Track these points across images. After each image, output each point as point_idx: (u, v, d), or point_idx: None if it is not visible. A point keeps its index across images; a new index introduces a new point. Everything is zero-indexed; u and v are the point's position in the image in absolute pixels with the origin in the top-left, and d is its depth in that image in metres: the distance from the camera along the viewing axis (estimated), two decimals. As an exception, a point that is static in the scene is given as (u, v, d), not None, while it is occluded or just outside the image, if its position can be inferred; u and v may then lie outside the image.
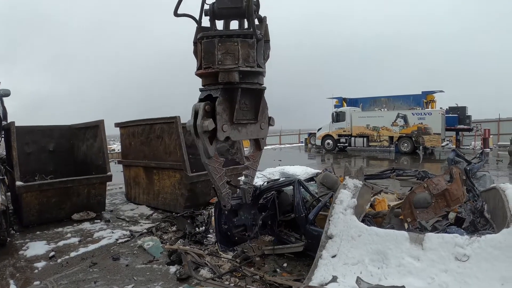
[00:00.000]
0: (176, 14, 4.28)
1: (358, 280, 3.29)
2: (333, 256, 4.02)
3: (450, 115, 24.99)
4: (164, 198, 8.70)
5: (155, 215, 8.41)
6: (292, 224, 5.89)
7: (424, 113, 23.62)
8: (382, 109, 26.94)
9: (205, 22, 4.38)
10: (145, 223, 7.65)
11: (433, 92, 27.14)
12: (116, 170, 10.84)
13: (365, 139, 25.33)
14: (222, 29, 4.38)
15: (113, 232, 6.95)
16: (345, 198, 4.60)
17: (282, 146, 32.83)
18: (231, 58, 3.96)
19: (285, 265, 5.22)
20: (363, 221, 4.63)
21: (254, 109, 4.41)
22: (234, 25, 4.48)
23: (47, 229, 7.17)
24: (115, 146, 31.22)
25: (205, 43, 4.05)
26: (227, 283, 4.62)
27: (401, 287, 3.17)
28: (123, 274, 5.05)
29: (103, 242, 6.41)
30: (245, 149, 9.11)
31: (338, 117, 26.65)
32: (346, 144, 26.41)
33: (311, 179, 8.10)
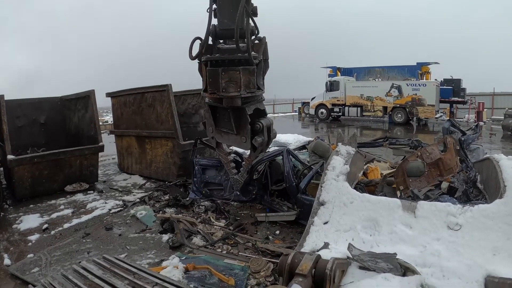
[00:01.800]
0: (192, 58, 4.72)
1: (350, 247, 3.27)
2: (325, 223, 4.01)
3: (445, 87, 24.81)
4: (156, 167, 8.66)
5: (148, 184, 8.39)
6: (284, 193, 5.89)
7: (419, 84, 23.37)
8: (377, 79, 26.68)
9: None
10: (138, 193, 7.64)
11: (428, 63, 26.84)
12: (109, 141, 10.75)
13: (359, 108, 25.10)
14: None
15: (106, 203, 6.93)
16: (338, 164, 4.56)
17: (276, 115, 32.57)
18: (234, 86, 4.44)
19: (277, 232, 5.24)
20: (355, 188, 4.61)
21: (233, 123, 4.96)
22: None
23: (40, 202, 7.13)
24: (108, 118, 30.96)
25: (210, 71, 4.48)
26: (220, 250, 4.65)
27: (393, 254, 3.16)
28: (116, 244, 5.06)
29: (96, 213, 6.40)
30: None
31: (332, 87, 26.30)
32: (340, 114, 26.17)
33: (303, 147, 8.08)
